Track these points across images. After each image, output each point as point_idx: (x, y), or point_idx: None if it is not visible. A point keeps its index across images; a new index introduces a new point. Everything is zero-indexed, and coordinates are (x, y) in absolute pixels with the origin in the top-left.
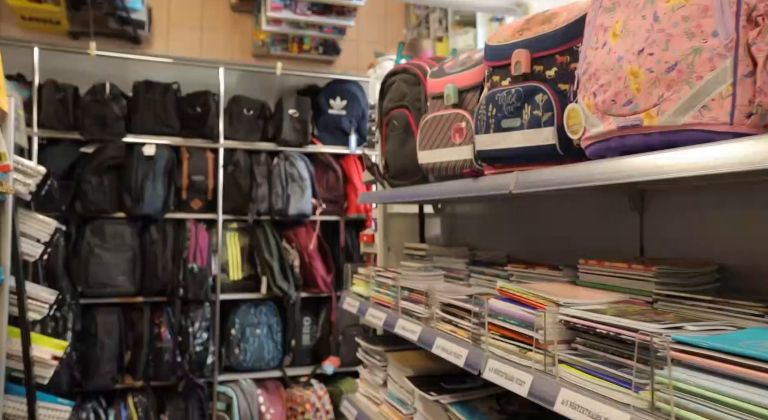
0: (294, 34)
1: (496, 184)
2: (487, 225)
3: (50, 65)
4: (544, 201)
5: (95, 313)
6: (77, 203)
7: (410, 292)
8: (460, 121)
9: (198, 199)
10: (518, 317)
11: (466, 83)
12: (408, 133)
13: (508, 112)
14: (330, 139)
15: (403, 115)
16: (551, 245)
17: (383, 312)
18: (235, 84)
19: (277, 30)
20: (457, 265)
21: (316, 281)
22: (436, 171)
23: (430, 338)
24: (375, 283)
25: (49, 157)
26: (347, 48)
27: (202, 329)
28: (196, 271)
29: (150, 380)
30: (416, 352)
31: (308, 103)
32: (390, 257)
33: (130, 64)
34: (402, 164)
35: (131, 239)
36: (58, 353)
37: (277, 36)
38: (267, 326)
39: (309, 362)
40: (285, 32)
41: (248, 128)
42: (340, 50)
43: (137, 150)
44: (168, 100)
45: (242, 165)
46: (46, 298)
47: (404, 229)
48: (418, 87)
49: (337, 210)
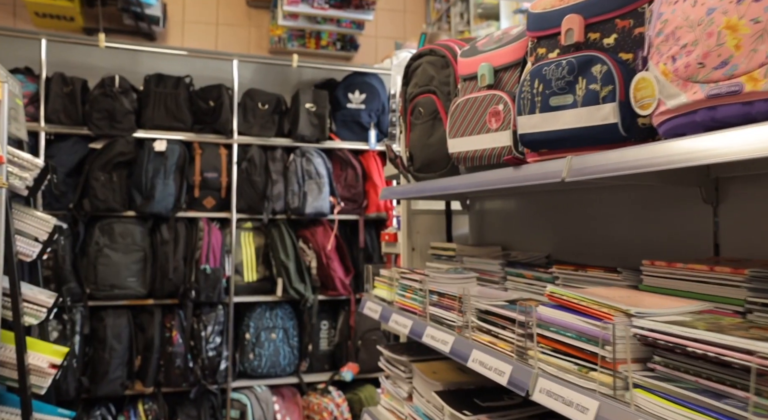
0: (311, 29)
1: (544, 171)
2: (521, 222)
3: (59, 59)
4: (591, 194)
5: (104, 316)
6: (85, 201)
7: (440, 297)
8: (497, 104)
9: (211, 197)
10: (576, 329)
11: (502, 61)
12: (435, 121)
13: (558, 88)
14: (348, 134)
15: (429, 100)
16: (600, 244)
17: (409, 319)
18: (249, 78)
19: (294, 25)
20: (490, 266)
21: (334, 283)
22: (468, 161)
23: (465, 350)
24: (399, 286)
25: (56, 153)
26: (365, 44)
27: (215, 333)
28: (209, 272)
29: (161, 386)
30: (445, 362)
31: (326, 97)
32: (414, 258)
33: (141, 57)
34: (428, 155)
35: (141, 239)
36: (56, 361)
37: (294, 31)
38: (283, 330)
39: (326, 368)
40: (302, 27)
41: (263, 123)
42: (358, 46)
43: (148, 146)
44: (180, 94)
45: (257, 161)
46: (44, 301)
47: (429, 228)
48: (447, 69)
49: (355, 209)
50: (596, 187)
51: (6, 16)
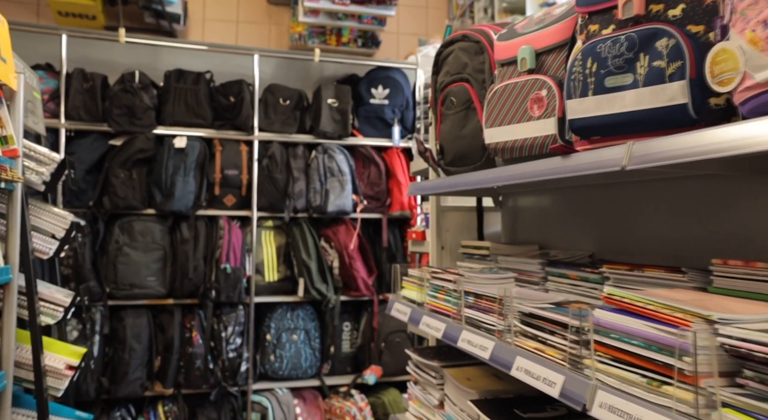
0: (332, 26)
1: (600, 160)
2: (558, 220)
3: (80, 55)
4: (641, 187)
5: (123, 316)
6: (105, 199)
7: (477, 299)
8: (540, 89)
9: (231, 195)
10: (644, 336)
11: (545, 43)
12: (469, 110)
13: (616, 66)
14: (371, 130)
15: (462, 89)
16: (653, 242)
17: (442, 322)
18: (270, 74)
19: (315, 21)
20: (529, 266)
21: (356, 284)
22: (507, 152)
23: (507, 357)
24: (430, 286)
25: (76, 150)
26: (387, 40)
27: (236, 334)
28: (230, 271)
29: (181, 388)
30: (478, 368)
31: (348, 92)
32: (443, 257)
33: (161, 53)
34: (461, 147)
35: (161, 237)
36: (73, 362)
37: (315, 28)
38: (304, 331)
39: (349, 371)
40: (323, 24)
41: (284, 119)
42: (379, 43)
43: (168, 142)
44: (200, 90)
45: (278, 158)
46: (61, 301)
47: (459, 226)
48: (481, 55)
49: (379, 207)
50: (650, 179)
51: (29, 15)
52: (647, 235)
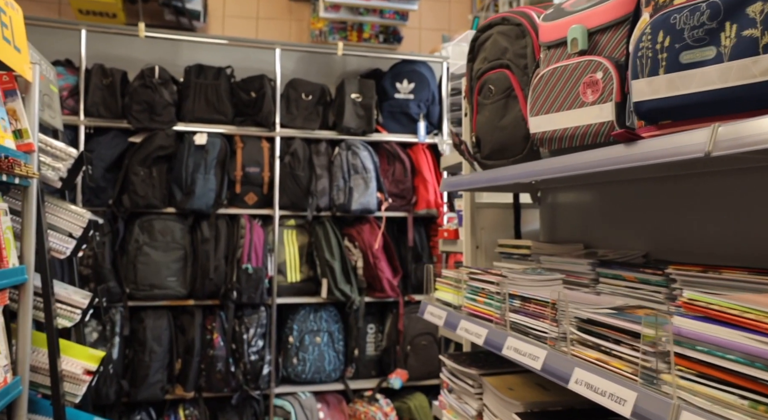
0: (353, 21)
1: (675, 146)
2: (604, 217)
3: (99, 51)
4: (703, 180)
5: (143, 317)
6: (125, 197)
7: (523, 302)
8: (594, 71)
9: (253, 193)
10: (743, 350)
11: (600, 21)
12: (509, 99)
13: (694, 39)
14: (396, 126)
15: (502, 76)
16: (724, 240)
17: (483, 327)
18: (292, 69)
19: (336, 17)
20: (577, 266)
21: (381, 284)
22: (555, 142)
23: (564, 368)
24: (468, 289)
25: (95, 147)
26: (409, 36)
27: (258, 336)
28: (251, 272)
29: (202, 391)
30: (520, 376)
31: (372, 87)
32: (478, 257)
33: (181, 49)
34: (500, 139)
35: (181, 237)
36: (91, 367)
37: (336, 24)
38: (328, 334)
39: (374, 375)
40: (344, 19)
41: (307, 115)
42: (401, 38)
43: (188, 139)
44: (221, 85)
45: (300, 155)
46: (78, 302)
47: (495, 223)
48: (523, 39)
49: (404, 205)
50: (718, 171)
51: (51, 13)
52: (714, 232)
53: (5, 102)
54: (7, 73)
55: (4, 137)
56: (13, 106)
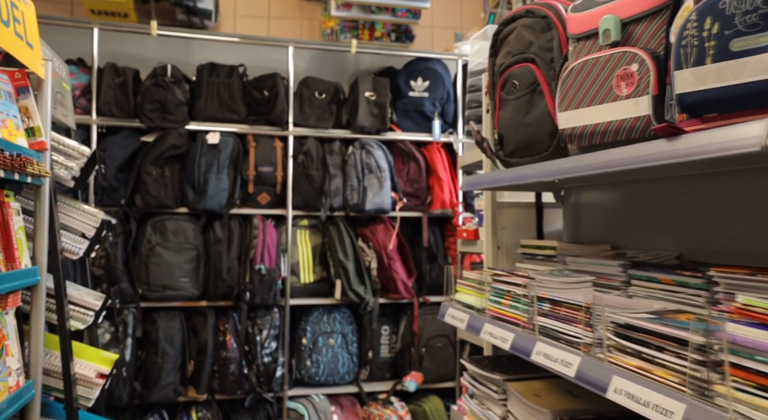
0: (365, 20)
1: (725, 141)
2: (631, 216)
3: (111, 50)
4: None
5: (156, 318)
6: (137, 197)
7: (553, 306)
8: (629, 63)
9: (266, 193)
10: None
11: (635, 10)
12: (534, 94)
13: (747, 25)
14: (410, 124)
15: (527, 71)
16: (762, 241)
17: (509, 331)
18: (304, 67)
19: (348, 15)
20: (607, 268)
21: (396, 285)
22: (586, 138)
23: (600, 376)
24: (492, 291)
25: (108, 146)
26: (421, 34)
27: (271, 338)
28: (264, 272)
29: (214, 393)
30: (547, 381)
31: (387, 85)
32: (500, 257)
33: (193, 47)
34: (525, 136)
35: (194, 237)
36: (104, 370)
37: (347, 22)
38: (341, 335)
39: (388, 377)
40: (355, 17)
41: (320, 113)
42: (413, 37)
43: (200, 138)
44: (233, 84)
45: (314, 154)
46: (91, 304)
47: (516, 223)
48: (549, 32)
49: (418, 205)
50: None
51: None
52: (753, 232)
53: (18, 99)
54: (19, 70)
55: (16, 135)
56: (25, 104)
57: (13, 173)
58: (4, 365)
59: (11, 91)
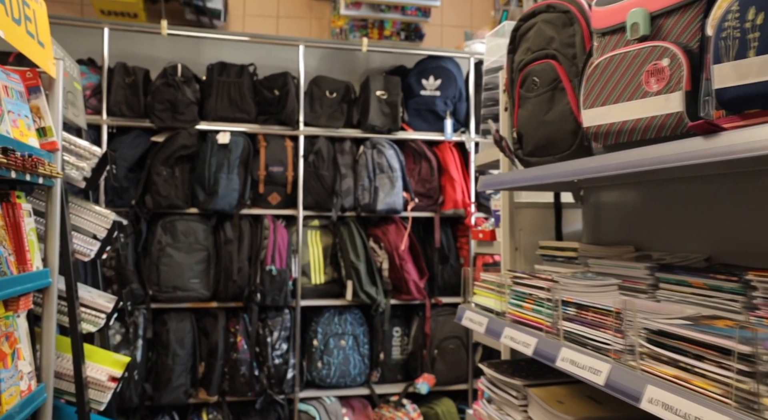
0: (374, 19)
1: None
2: (656, 216)
3: (122, 51)
4: None
5: (167, 320)
6: (147, 197)
7: (579, 310)
8: (660, 58)
9: (276, 193)
10: None
11: (664, 3)
12: (555, 92)
13: None
14: (422, 124)
15: (548, 67)
16: None
17: (532, 335)
18: (314, 67)
19: (357, 14)
20: (633, 271)
21: (407, 287)
22: (612, 136)
23: (633, 385)
24: (513, 294)
25: (118, 147)
26: (430, 33)
27: (282, 339)
28: (275, 273)
29: (225, 395)
30: (569, 387)
31: (398, 83)
32: (517, 259)
33: (203, 47)
34: (545, 134)
35: (204, 238)
36: (115, 373)
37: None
38: (353, 337)
39: (399, 379)
40: (365, 16)
41: (331, 113)
42: (423, 35)
43: (211, 138)
44: (244, 83)
45: (324, 154)
46: (102, 306)
47: (534, 224)
48: (571, 27)
49: (430, 205)
50: None
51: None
52: None
53: (29, 99)
54: (30, 70)
55: (27, 135)
56: (36, 104)
57: (24, 174)
58: (16, 369)
59: (23, 91)
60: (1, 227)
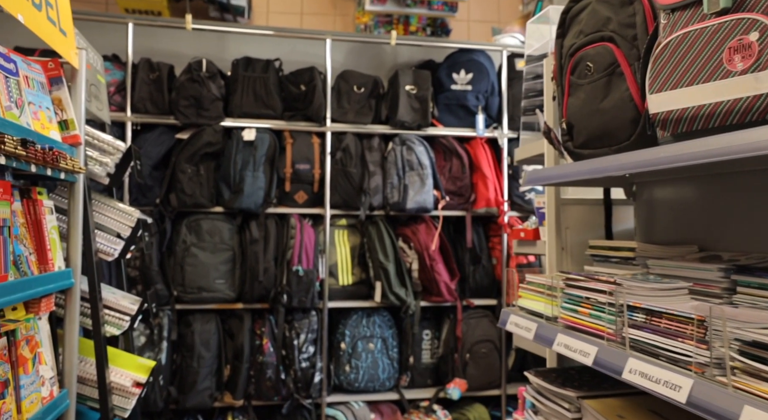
0: (399, 14)
1: None
2: (718, 213)
3: (146, 47)
4: None
5: (191, 321)
6: (172, 196)
7: (649, 317)
8: (745, 32)
9: (303, 192)
10: None
11: None
12: (613, 77)
13: None
14: (452, 119)
15: (604, 51)
16: None
17: (591, 344)
18: (341, 62)
19: (382, 9)
20: (703, 273)
21: (438, 288)
22: (685, 122)
23: (725, 405)
24: (565, 297)
25: (142, 144)
26: (457, 28)
27: (309, 342)
28: (302, 274)
29: (251, 399)
30: (627, 399)
31: (428, 78)
32: (564, 260)
33: (228, 42)
34: (600, 124)
35: (230, 237)
36: (140, 378)
37: (381, 17)
38: (381, 340)
39: (430, 384)
40: (390, 12)
41: (359, 108)
42: (449, 31)
43: (236, 135)
44: (269, 78)
45: (352, 151)
46: (126, 308)
47: (581, 222)
48: (630, 6)
49: (462, 203)
50: None
51: None
52: None
53: (50, 91)
54: (52, 60)
55: (49, 128)
56: (58, 95)
57: (45, 168)
58: (37, 375)
59: (44, 82)
60: (22, 225)
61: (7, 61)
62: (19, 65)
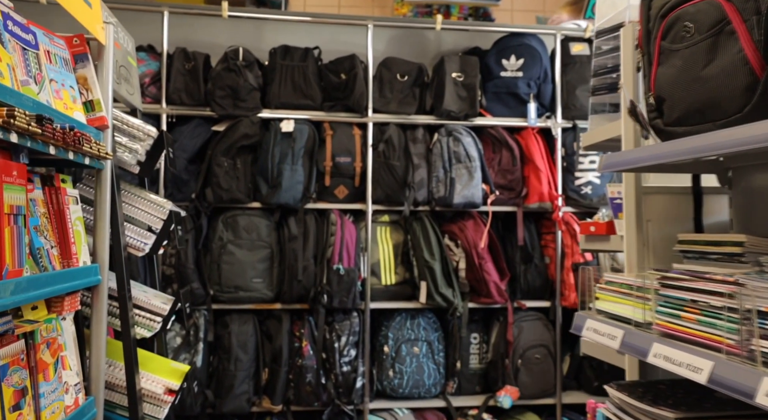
0: (440, 4)
1: None
2: None
3: (181, 37)
4: None
5: (228, 322)
6: (208, 191)
7: None
8: None
9: (343, 186)
10: None
11: None
12: (720, 37)
13: None
14: (502, 108)
15: (707, 7)
16: None
17: (703, 357)
18: (382, 50)
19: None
20: None
21: (487, 289)
22: None
23: None
24: (661, 300)
25: (177, 137)
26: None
27: (350, 345)
28: (343, 273)
29: (290, 404)
30: None
31: (476, 64)
32: (646, 257)
33: (264, 31)
34: (702, 94)
35: (267, 234)
36: (173, 385)
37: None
38: (426, 343)
39: (478, 391)
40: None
41: (402, 98)
42: (492, 20)
43: (274, 127)
44: (308, 67)
45: (395, 143)
46: (158, 308)
47: (665, 214)
48: None
49: (512, 198)
50: None
51: None
52: None
53: (75, 69)
54: (77, 35)
55: (72, 108)
56: (83, 73)
57: (66, 151)
58: (60, 381)
59: (68, 58)
60: (43, 215)
61: (25, 31)
62: (39, 38)
